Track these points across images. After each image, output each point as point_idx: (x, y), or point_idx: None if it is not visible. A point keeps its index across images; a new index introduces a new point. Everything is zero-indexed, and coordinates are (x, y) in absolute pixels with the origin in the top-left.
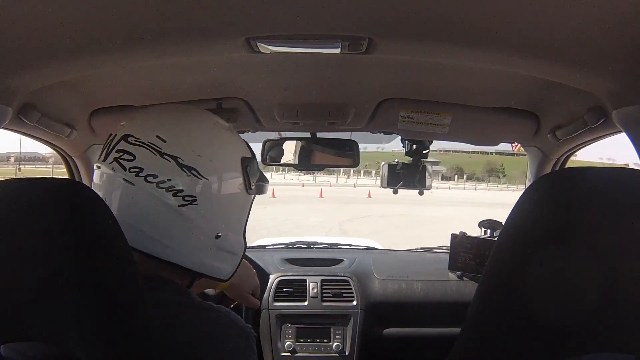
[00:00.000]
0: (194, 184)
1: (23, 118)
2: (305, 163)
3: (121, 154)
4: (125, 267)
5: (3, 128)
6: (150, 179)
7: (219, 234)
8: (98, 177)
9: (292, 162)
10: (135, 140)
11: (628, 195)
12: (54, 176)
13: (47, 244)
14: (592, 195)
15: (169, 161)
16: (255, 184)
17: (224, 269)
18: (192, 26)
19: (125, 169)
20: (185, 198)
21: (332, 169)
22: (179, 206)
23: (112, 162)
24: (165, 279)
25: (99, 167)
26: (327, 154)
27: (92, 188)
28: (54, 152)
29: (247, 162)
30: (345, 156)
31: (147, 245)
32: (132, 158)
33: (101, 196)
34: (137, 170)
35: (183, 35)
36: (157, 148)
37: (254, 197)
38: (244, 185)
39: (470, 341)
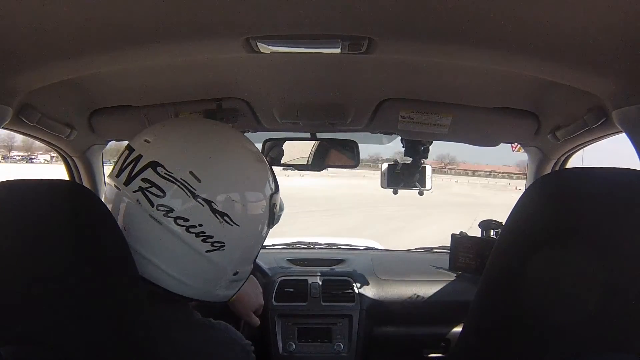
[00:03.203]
0: (225, 231)
1: (23, 118)
2: (305, 163)
3: (149, 185)
4: (125, 270)
5: (3, 128)
6: (180, 222)
7: (237, 271)
8: (112, 198)
9: (291, 162)
10: (166, 174)
11: (628, 195)
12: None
13: (46, 246)
14: (591, 195)
15: (203, 206)
16: (276, 217)
17: (229, 295)
18: (192, 26)
19: (152, 205)
20: (214, 244)
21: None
22: (206, 252)
23: (137, 191)
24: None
25: (116, 188)
26: (327, 154)
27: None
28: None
29: (274, 199)
30: (346, 156)
31: (161, 279)
32: (162, 194)
33: (118, 222)
34: (167, 210)
35: (183, 36)
36: (191, 189)
37: None
38: (267, 221)
39: (470, 340)
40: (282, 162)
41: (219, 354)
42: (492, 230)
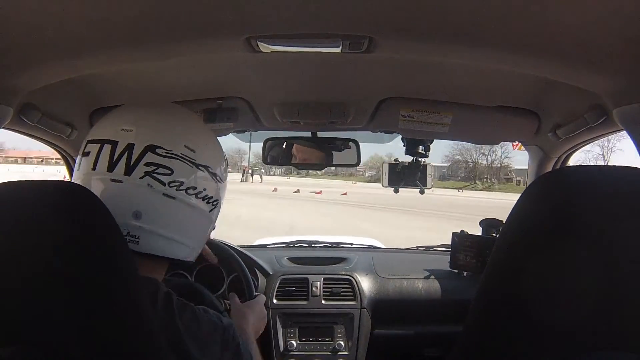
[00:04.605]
0: (217, 189)
1: (24, 118)
2: (306, 162)
3: (154, 167)
4: (125, 270)
5: (4, 128)
6: (190, 191)
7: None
8: (114, 191)
9: (292, 161)
10: (167, 153)
11: (628, 193)
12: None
13: (45, 246)
14: (592, 194)
15: (203, 171)
16: None
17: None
18: (192, 26)
19: (164, 184)
20: (214, 203)
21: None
22: (209, 211)
23: (144, 176)
24: (153, 280)
25: (116, 181)
26: (327, 153)
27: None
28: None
29: None
30: (346, 155)
31: (175, 252)
32: (170, 172)
33: (125, 211)
34: (178, 184)
35: (184, 35)
36: (191, 159)
37: None
38: None
39: (471, 339)
40: (281, 161)
41: (206, 331)
42: (493, 229)
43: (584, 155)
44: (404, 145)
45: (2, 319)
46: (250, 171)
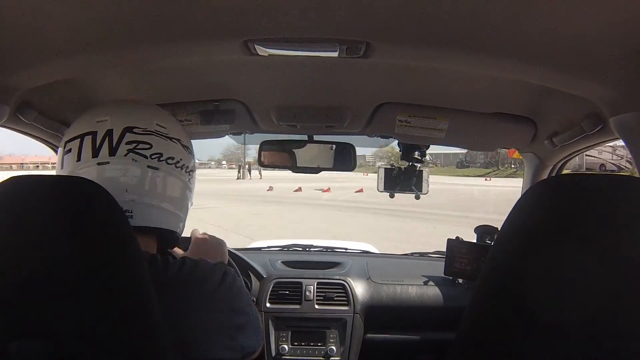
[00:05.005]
0: (191, 160)
1: (20, 116)
2: (302, 165)
3: (135, 144)
4: (134, 258)
5: (0, 126)
6: (170, 160)
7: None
8: (104, 173)
9: (288, 165)
10: (142, 131)
11: (623, 201)
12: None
13: (56, 238)
14: (588, 201)
15: (176, 143)
16: None
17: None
18: (190, 28)
19: (146, 157)
20: (189, 172)
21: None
22: (188, 180)
23: (127, 153)
24: (152, 255)
25: (102, 164)
26: (324, 157)
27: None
28: None
29: None
30: (342, 159)
31: (167, 221)
32: (149, 146)
33: (116, 189)
34: (158, 155)
35: (181, 37)
36: (164, 134)
37: None
38: None
39: (465, 345)
40: (277, 165)
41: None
42: (487, 236)
43: None
44: (400, 150)
45: (12, 313)
46: (247, 166)
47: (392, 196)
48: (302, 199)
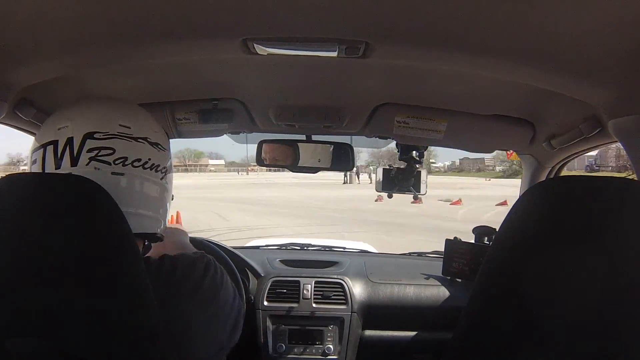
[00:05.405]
0: (163, 157)
1: (19, 113)
2: (300, 165)
3: (97, 151)
4: (132, 255)
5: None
6: (136, 163)
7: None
8: None
9: (286, 164)
10: (104, 135)
11: (621, 202)
12: None
13: (54, 235)
14: (586, 202)
15: (143, 143)
16: None
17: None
18: (189, 27)
19: (110, 163)
20: (162, 170)
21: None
22: (161, 179)
23: (89, 162)
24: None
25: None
26: (322, 157)
27: None
28: None
29: None
30: (340, 159)
31: (145, 225)
32: (111, 151)
33: None
34: (122, 159)
35: (180, 36)
36: (128, 134)
37: None
38: None
39: (462, 344)
40: (275, 164)
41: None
42: (485, 236)
43: None
44: (398, 151)
45: (10, 310)
46: (355, 169)
47: (390, 196)
48: (431, 218)
